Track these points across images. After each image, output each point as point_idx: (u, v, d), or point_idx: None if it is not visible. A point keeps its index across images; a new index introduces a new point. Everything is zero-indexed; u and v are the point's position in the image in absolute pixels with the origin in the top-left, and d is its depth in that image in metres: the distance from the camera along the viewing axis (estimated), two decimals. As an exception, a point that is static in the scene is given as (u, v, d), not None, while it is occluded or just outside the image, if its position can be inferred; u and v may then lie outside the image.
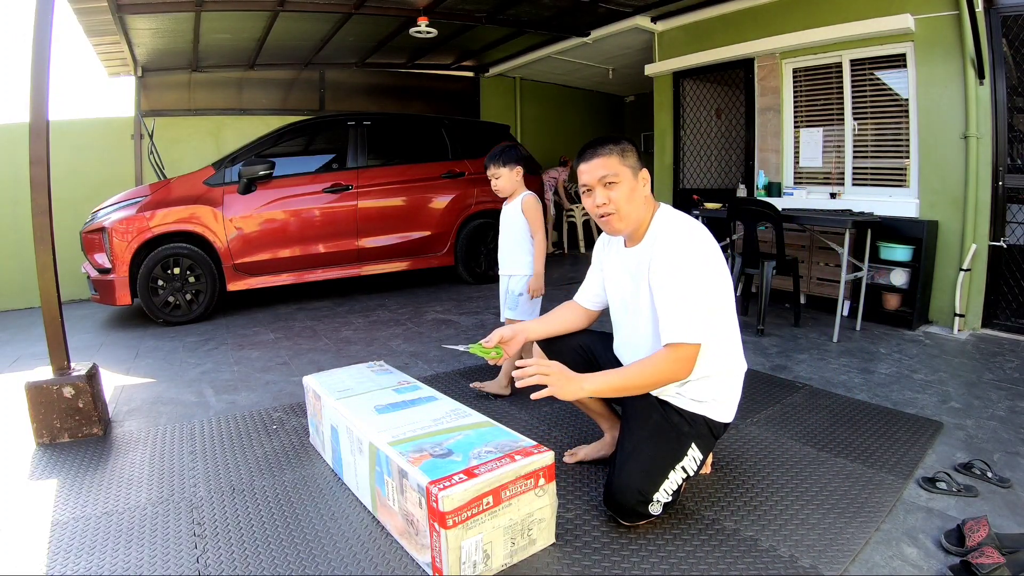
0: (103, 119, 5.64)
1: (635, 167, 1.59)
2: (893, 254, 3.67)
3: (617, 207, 1.57)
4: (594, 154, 1.59)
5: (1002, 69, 3.39)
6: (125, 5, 4.02)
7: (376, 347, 3.44)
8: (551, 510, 1.48)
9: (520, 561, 1.43)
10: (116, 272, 3.95)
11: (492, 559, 1.38)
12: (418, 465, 1.40)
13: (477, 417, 1.71)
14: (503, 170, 2.53)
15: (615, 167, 1.57)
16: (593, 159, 1.59)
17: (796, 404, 2.44)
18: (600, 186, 1.57)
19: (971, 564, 1.33)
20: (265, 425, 2.33)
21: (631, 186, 1.58)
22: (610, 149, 1.58)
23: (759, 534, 1.52)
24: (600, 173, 1.57)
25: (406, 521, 1.45)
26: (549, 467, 1.46)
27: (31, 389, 2.16)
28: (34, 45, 2.12)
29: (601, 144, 1.60)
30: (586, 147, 1.63)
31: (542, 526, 1.47)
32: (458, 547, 1.30)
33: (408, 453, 1.47)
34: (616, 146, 1.59)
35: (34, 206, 2.19)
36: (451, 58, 6.84)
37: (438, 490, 1.29)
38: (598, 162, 1.58)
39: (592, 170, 1.59)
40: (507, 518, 1.39)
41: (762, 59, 4.59)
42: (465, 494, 1.30)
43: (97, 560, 1.47)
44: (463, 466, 1.39)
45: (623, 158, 1.58)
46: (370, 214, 4.79)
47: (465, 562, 1.32)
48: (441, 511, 1.28)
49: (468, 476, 1.34)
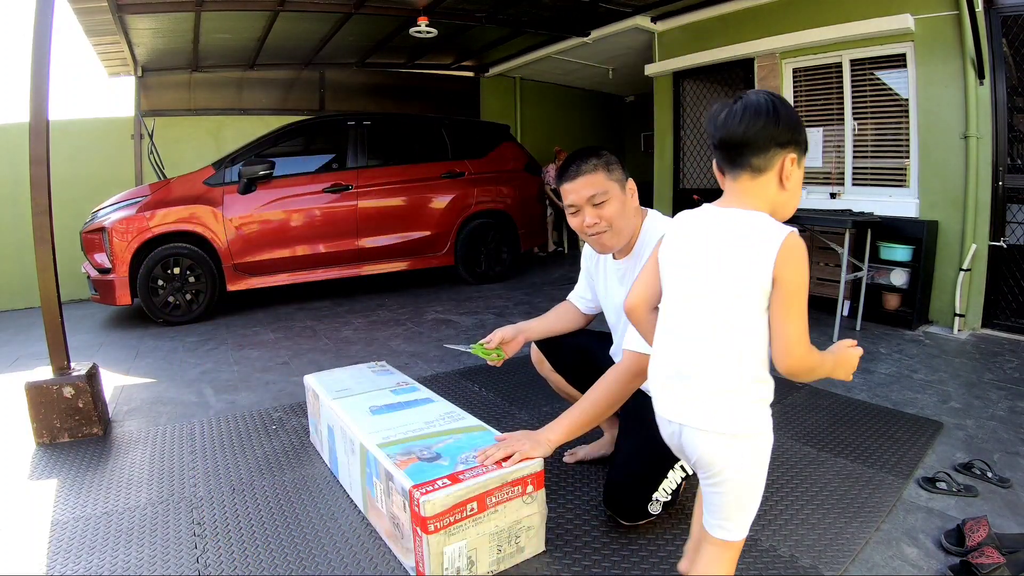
0: (103, 119, 5.64)
1: (622, 180, 1.52)
2: (893, 254, 3.67)
3: (610, 223, 1.50)
4: (578, 172, 1.49)
5: (1002, 69, 3.39)
6: (125, 5, 4.02)
7: (376, 347, 3.44)
8: (540, 518, 1.45)
9: (518, 563, 1.42)
10: (116, 272, 3.95)
11: (477, 566, 1.35)
12: (404, 468, 1.39)
13: (471, 421, 1.69)
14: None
15: (602, 184, 1.48)
16: (578, 177, 1.49)
17: (796, 404, 2.44)
18: (588, 205, 1.50)
19: (971, 564, 1.33)
20: (265, 425, 2.33)
21: (621, 200, 1.51)
22: (594, 165, 1.49)
23: (759, 534, 1.52)
24: (587, 192, 1.48)
25: (393, 524, 1.44)
26: (538, 474, 1.42)
27: (31, 389, 2.16)
28: (34, 45, 2.12)
29: (583, 160, 1.50)
30: (567, 164, 1.53)
31: (530, 534, 1.44)
32: (440, 553, 1.28)
33: (396, 456, 1.46)
34: (599, 160, 1.50)
35: (34, 206, 2.19)
36: (451, 58, 6.84)
37: (420, 494, 1.27)
38: (584, 180, 1.48)
39: (578, 189, 1.49)
40: (493, 525, 1.36)
41: (762, 59, 4.59)
42: (447, 499, 1.28)
43: (97, 560, 1.47)
44: (448, 471, 1.37)
45: (609, 172, 1.49)
46: (370, 214, 4.79)
47: (448, 568, 1.30)
48: (423, 516, 1.26)
49: (452, 481, 1.32)
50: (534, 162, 5.97)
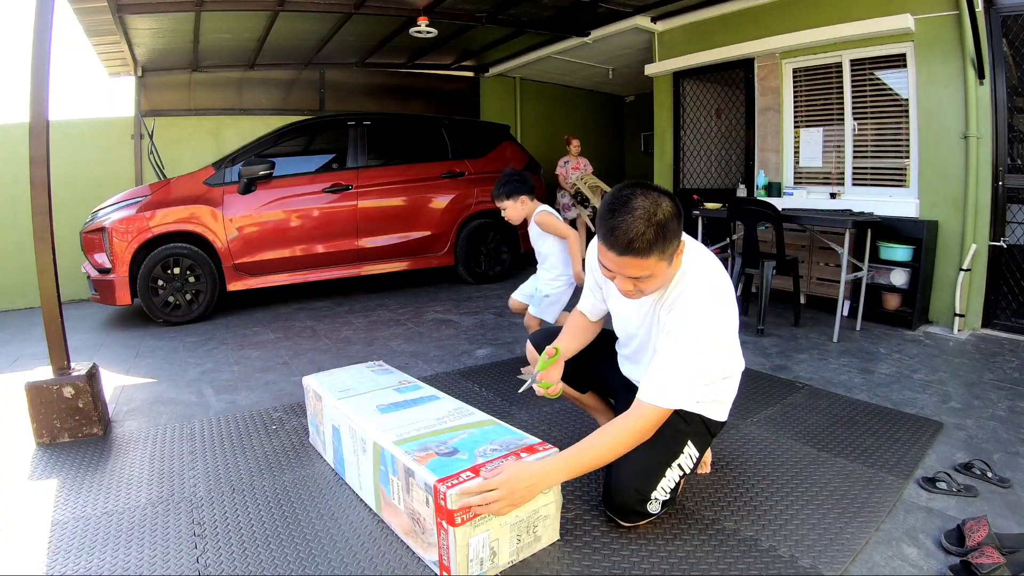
0: (103, 119, 5.63)
1: (675, 250, 1.30)
2: (893, 254, 3.67)
3: (644, 291, 1.37)
4: (628, 248, 1.24)
5: (1002, 69, 3.39)
6: (125, 5, 4.02)
7: (376, 347, 3.44)
8: (556, 507, 1.48)
9: (524, 559, 1.43)
10: (116, 272, 3.95)
11: (498, 556, 1.38)
12: (424, 464, 1.41)
13: (480, 415, 1.71)
14: (508, 202, 2.66)
15: (652, 267, 1.28)
16: (625, 255, 1.25)
17: (796, 404, 2.44)
18: (628, 279, 1.32)
19: (971, 564, 1.33)
20: (265, 425, 2.33)
21: (665, 275, 1.35)
22: (649, 245, 1.23)
23: (759, 534, 1.52)
24: (632, 273, 1.30)
25: (412, 520, 1.45)
26: None
27: (31, 389, 2.16)
28: (34, 45, 2.11)
29: (638, 235, 1.22)
30: (615, 227, 1.24)
31: (547, 523, 1.47)
32: (466, 544, 1.31)
33: (413, 452, 1.47)
34: (656, 236, 1.23)
35: (34, 206, 2.19)
36: (451, 58, 6.84)
37: (446, 488, 1.29)
38: (631, 261, 1.26)
39: (622, 267, 1.29)
40: (513, 515, 1.39)
41: (762, 59, 4.59)
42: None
43: (97, 560, 1.47)
44: (469, 464, 1.39)
45: (663, 252, 1.26)
46: (370, 214, 4.79)
47: (472, 559, 1.32)
48: (450, 509, 1.28)
49: (475, 474, 1.34)
50: (534, 162, 5.96)
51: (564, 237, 2.70)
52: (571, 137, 6.27)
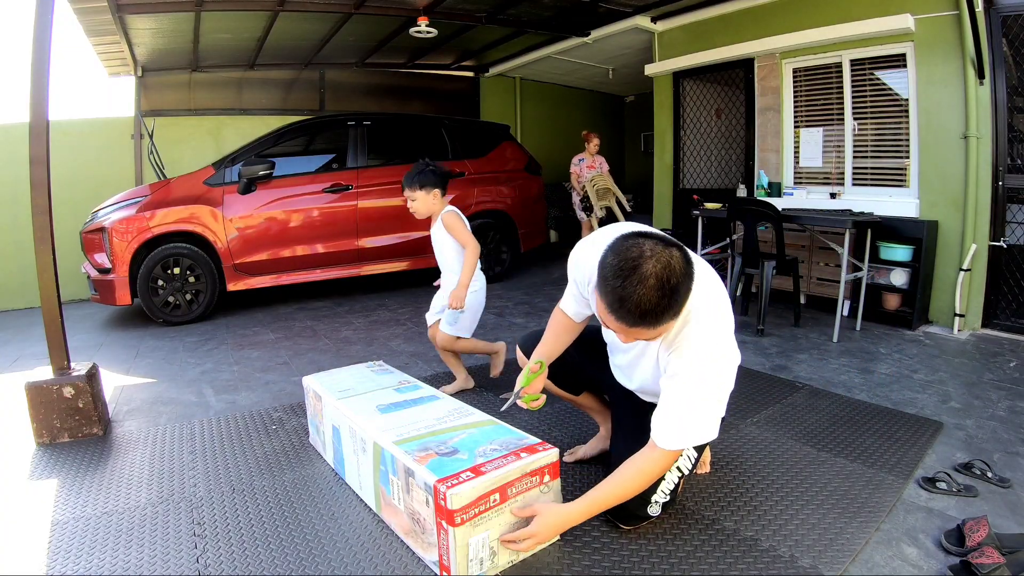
0: (103, 119, 5.64)
1: (687, 301, 1.22)
2: (893, 254, 3.67)
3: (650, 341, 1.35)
4: (641, 320, 1.16)
5: (1002, 69, 3.39)
6: (125, 5, 4.02)
7: (376, 347, 3.44)
8: None
9: (524, 559, 1.43)
10: (116, 272, 3.95)
11: (498, 556, 1.38)
12: (424, 464, 1.41)
13: (480, 416, 1.72)
14: (419, 192, 2.42)
15: (664, 330, 1.24)
16: (637, 327, 1.18)
17: (796, 404, 2.44)
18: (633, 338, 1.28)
19: (971, 564, 1.33)
20: (265, 425, 2.33)
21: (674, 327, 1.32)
22: (663, 313, 1.16)
23: (759, 534, 1.52)
24: (643, 337, 1.24)
25: (412, 520, 1.45)
26: (554, 464, 1.48)
27: (31, 389, 2.16)
28: (34, 45, 2.12)
29: (651, 307, 1.14)
30: (625, 299, 1.14)
31: None
32: (466, 544, 1.31)
33: (413, 452, 1.48)
34: (672, 301, 1.16)
35: (34, 206, 2.19)
36: (451, 58, 6.84)
37: (446, 488, 1.29)
38: (643, 331, 1.20)
39: (632, 335, 1.23)
40: (513, 515, 1.39)
41: (762, 59, 4.59)
42: (473, 491, 1.31)
43: (97, 560, 1.47)
44: (469, 464, 1.40)
45: (676, 315, 1.21)
46: (370, 214, 4.78)
47: (472, 559, 1.33)
48: (450, 509, 1.28)
49: (475, 474, 1.35)
50: (534, 162, 5.96)
51: (464, 245, 2.43)
52: (590, 134, 5.71)
